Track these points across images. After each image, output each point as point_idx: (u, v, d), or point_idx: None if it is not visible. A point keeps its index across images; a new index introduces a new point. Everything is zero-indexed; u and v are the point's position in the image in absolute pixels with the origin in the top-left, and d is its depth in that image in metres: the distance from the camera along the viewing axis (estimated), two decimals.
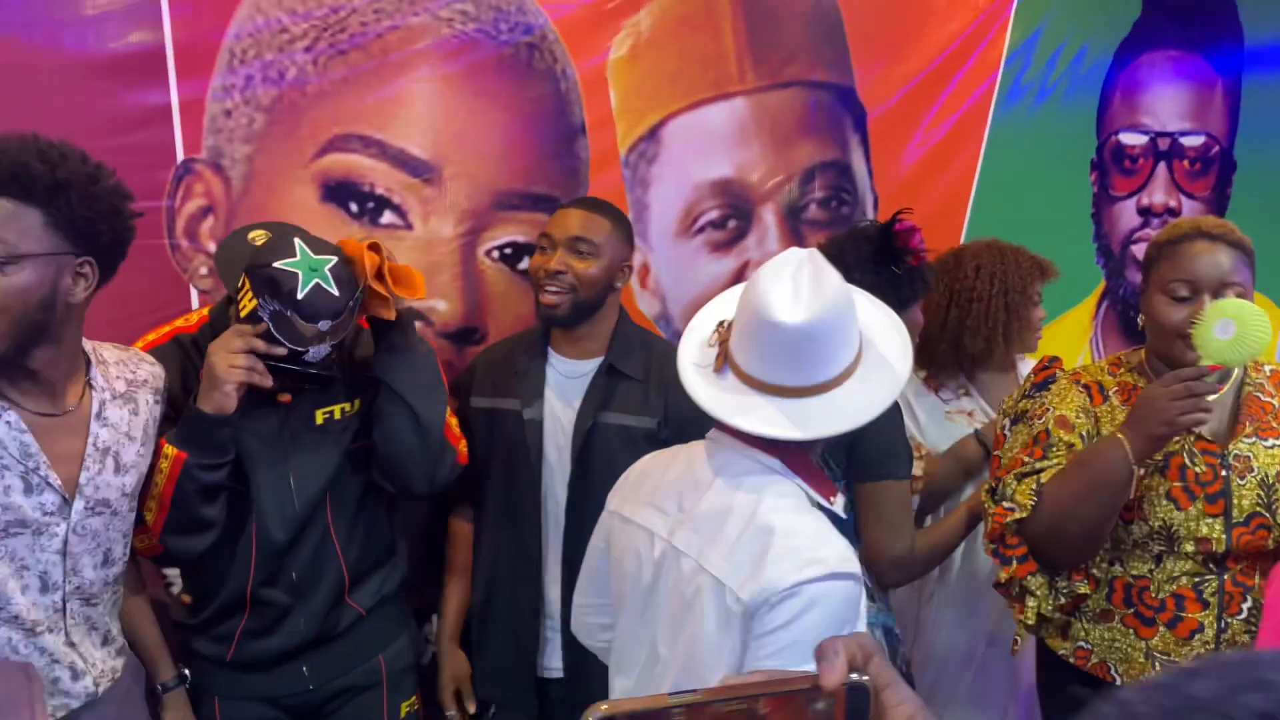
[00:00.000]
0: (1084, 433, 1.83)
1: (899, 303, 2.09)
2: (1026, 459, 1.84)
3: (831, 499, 1.42)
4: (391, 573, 2.04)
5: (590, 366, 2.09)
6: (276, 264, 1.68)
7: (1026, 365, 2.47)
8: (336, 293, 1.70)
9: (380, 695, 2.01)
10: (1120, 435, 1.69)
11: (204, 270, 2.14)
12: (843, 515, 1.45)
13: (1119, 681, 1.80)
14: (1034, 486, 1.79)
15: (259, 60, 2.12)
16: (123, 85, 2.02)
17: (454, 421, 2.01)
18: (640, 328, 2.20)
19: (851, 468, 2.01)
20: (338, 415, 1.89)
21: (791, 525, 1.35)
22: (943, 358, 2.45)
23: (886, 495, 1.96)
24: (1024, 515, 1.77)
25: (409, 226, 2.29)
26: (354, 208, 2.24)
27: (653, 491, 1.52)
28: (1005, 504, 1.81)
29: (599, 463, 2.01)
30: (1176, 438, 1.74)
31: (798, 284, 1.38)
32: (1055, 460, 1.81)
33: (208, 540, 1.82)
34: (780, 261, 1.41)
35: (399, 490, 1.96)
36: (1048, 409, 1.87)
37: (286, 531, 1.85)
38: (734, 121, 2.56)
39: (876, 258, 2.10)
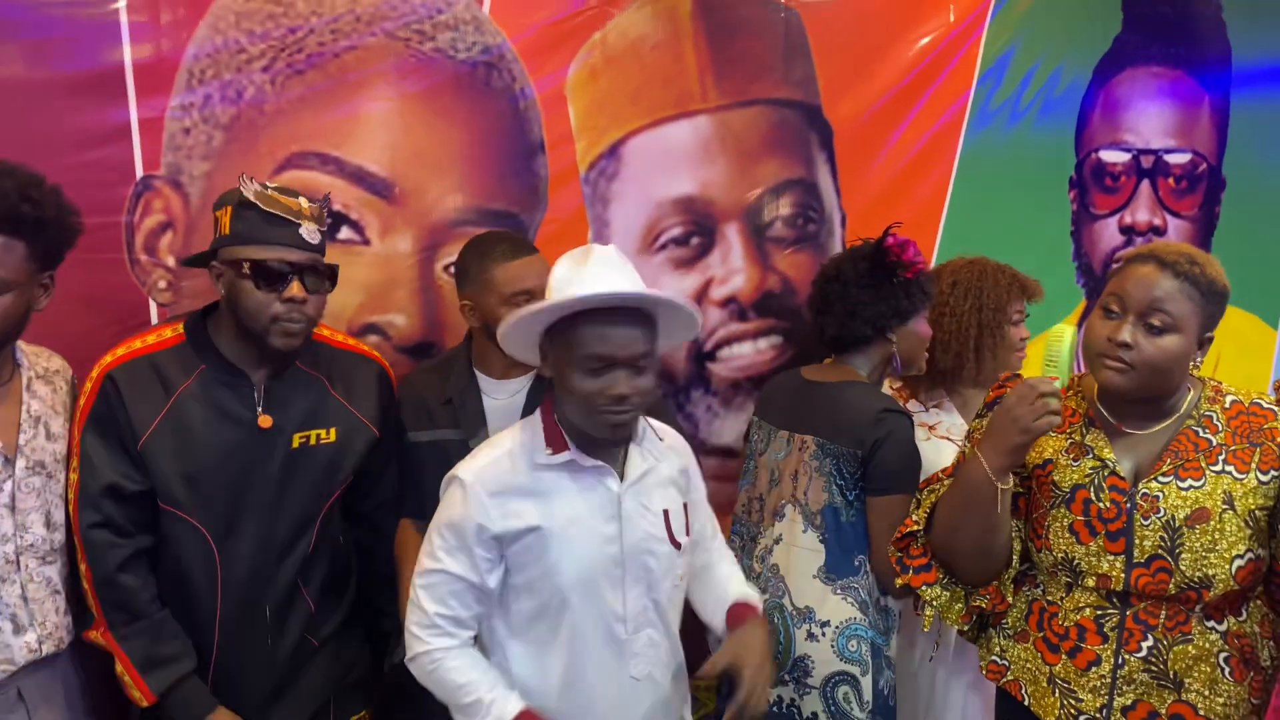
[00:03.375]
0: None
1: (899, 315, 2.19)
2: (941, 475, 1.86)
3: (549, 450, 1.66)
4: (345, 596, 2.07)
5: (519, 385, 2.12)
6: None
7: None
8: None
9: (328, 713, 2.03)
10: (977, 452, 1.69)
11: (163, 284, 2.19)
12: (555, 461, 1.66)
13: (1028, 703, 1.77)
14: (932, 501, 1.83)
15: (217, 80, 2.17)
16: (84, 104, 2.08)
17: None
18: None
19: (866, 480, 2.08)
20: (313, 441, 1.93)
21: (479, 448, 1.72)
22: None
23: (899, 509, 2.00)
24: (919, 529, 1.81)
25: (366, 242, 2.33)
26: None
27: None
28: (913, 517, 1.86)
29: None
30: (1089, 473, 1.72)
31: None
32: None
33: None
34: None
35: None
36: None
37: (256, 556, 1.87)
38: (696, 139, 2.57)
39: (872, 274, 2.19)
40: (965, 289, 2.42)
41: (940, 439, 2.42)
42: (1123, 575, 1.67)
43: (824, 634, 2.06)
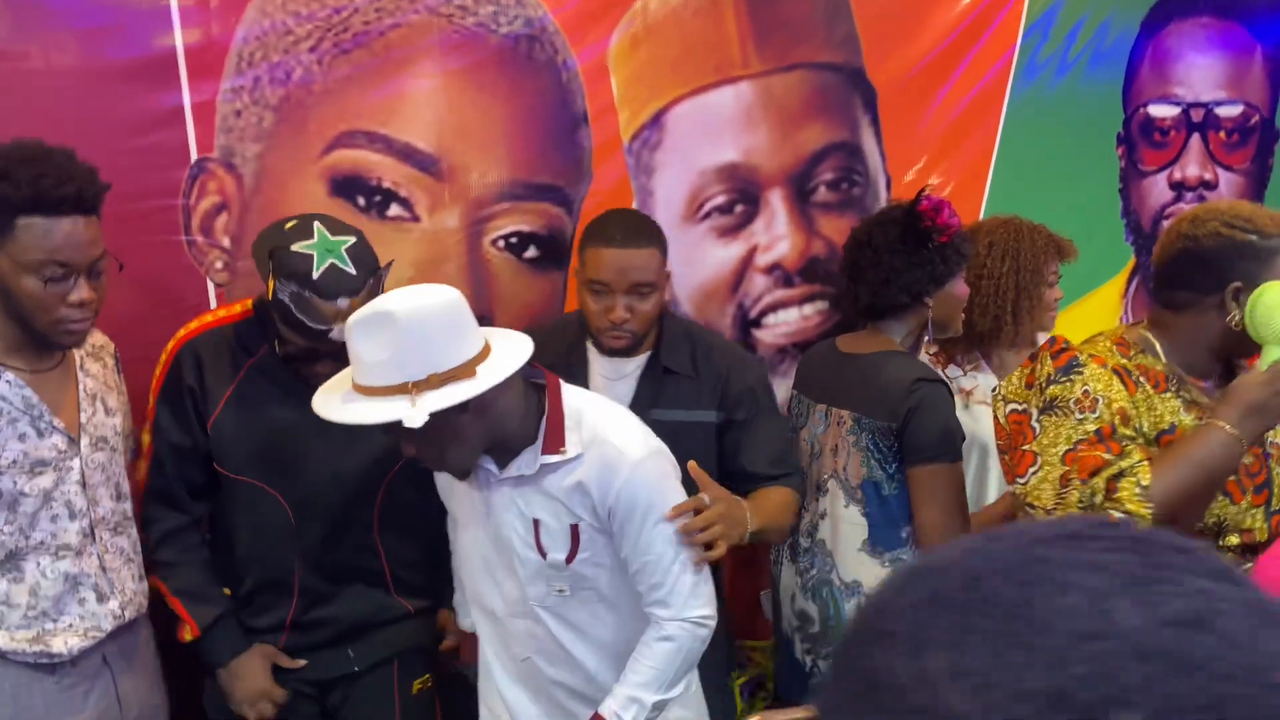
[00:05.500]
0: (1137, 426, 1.71)
1: (936, 280, 2.14)
2: (1105, 455, 1.67)
3: None
4: (435, 569, 2.11)
5: (634, 365, 2.11)
6: (294, 247, 1.79)
7: None
8: (354, 271, 1.80)
9: (390, 673, 2.07)
10: (1227, 427, 1.58)
11: (219, 264, 2.24)
12: None
13: None
14: (1136, 492, 1.63)
15: (266, 62, 2.20)
16: (138, 90, 2.12)
17: None
18: (682, 319, 2.23)
19: (904, 451, 2.05)
20: None
21: None
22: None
23: (941, 479, 2.00)
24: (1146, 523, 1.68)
25: (415, 219, 2.36)
26: (361, 201, 2.32)
27: None
28: (1117, 515, 1.63)
29: None
30: None
31: None
32: (1138, 456, 1.65)
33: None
34: None
35: None
36: (1095, 398, 1.71)
37: (327, 520, 1.94)
38: (739, 106, 2.56)
39: (904, 239, 2.13)
40: (1002, 251, 2.40)
41: (978, 405, 2.41)
42: (1265, 526, 1.67)
43: None
